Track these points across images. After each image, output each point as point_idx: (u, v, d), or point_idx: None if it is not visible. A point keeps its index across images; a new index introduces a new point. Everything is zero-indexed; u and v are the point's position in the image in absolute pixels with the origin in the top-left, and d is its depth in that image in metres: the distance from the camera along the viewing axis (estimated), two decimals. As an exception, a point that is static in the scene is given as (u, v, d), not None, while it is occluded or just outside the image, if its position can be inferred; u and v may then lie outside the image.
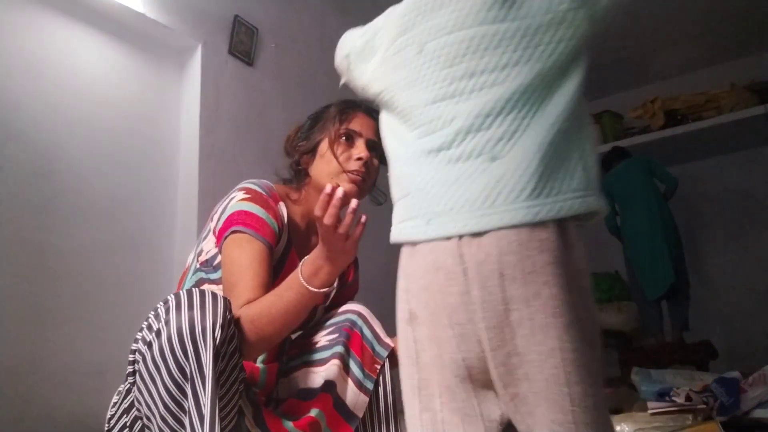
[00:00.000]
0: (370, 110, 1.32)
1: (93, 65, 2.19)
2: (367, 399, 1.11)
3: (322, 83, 3.00)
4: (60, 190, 1.98)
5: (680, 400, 1.71)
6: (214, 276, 1.14)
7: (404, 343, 0.72)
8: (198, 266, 1.19)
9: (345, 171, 1.21)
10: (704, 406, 1.69)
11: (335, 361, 1.12)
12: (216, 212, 1.19)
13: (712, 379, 1.89)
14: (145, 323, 0.92)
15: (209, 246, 1.17)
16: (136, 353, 0.91)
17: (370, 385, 1.12)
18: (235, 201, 1.15)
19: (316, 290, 1.02)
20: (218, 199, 1.22)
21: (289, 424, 1.06)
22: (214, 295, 0.92)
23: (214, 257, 1.15)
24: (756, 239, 4.58)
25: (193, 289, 0.93)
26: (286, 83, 2.85)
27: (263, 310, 1.01)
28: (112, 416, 1.02)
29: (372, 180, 1.27)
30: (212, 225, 1.18)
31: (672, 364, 3.28)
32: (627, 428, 1.57)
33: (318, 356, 1.17)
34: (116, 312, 2.04)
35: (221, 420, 0.85)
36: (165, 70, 2.46)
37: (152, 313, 0.92)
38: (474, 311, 0.64)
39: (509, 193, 0.64)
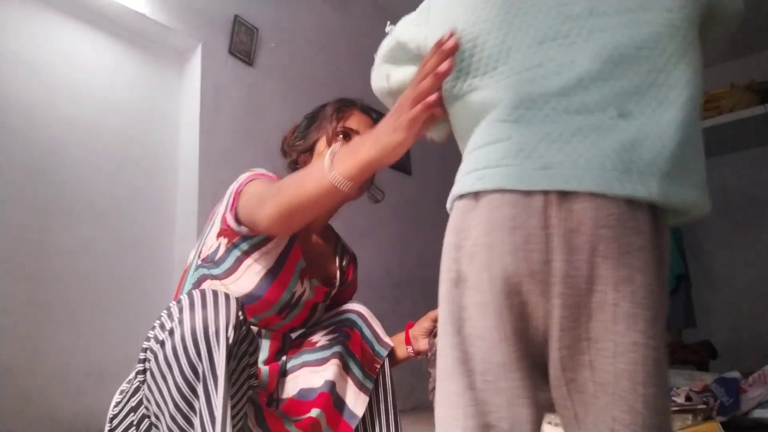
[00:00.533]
0: (367, 109, 1.32)
1: (93, 65, 2.19)
2: (367, 398, 1.12)
3: (322, 83, 3.00)
4: (60, 190, 1.98)
5: (680, 400, 1.71)
6: (216, 271, 1.13)
7: (448, 308, 0.62)
8: (200, 263, 1.17)
9: None
10: (704, 406, 1.69)
11: (335, 361, 1.12)
12: (221, 201, 1.18)
13: (712, 379, 1.89)
14: (158, 322, 0.91)
15: (211, 240, 1.15)
16: (148, 351, 0.89)
17: (370, 385, 1.12)
18: (243, 176, 1.15)
19: (331, 176, 0.86)
20: (218, 199, 1.22)
21: (291, 425, 1.06)
22: (227, 296, 0.91)
23: (215, 251, 1.13)
24: (756, 239, 4.58)
25: (206, 289, 0.91)
26: (286, 83, 2.85)
27: (286, 184, 0.96)
28: (116, 415, 1.02)
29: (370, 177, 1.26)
30: (220, 209, 1.16)
31: (672, 364, 3.29)
32: (627, 428, 1.56)
33: (318, 356, 1.17)
34: (116, 312, 2.04)
35: (232, 420, 0.85)
36: (165, 70, 2.46)
37: (165, 312, 0.91)
38: (551, 284, 0.56)
39: (648, 163, 0.56)
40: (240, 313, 0.91)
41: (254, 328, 1.16)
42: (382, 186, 1.40)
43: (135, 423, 0.98)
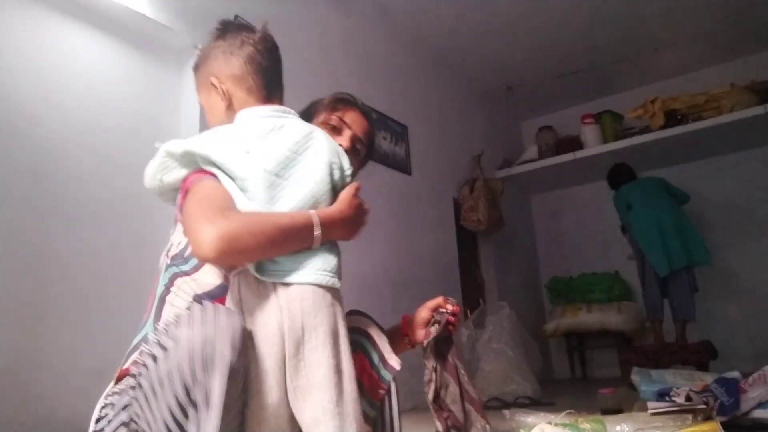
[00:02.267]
0: (367, 111, 1.31)
1: (93, 65, 2.19)
2: (369, 428, 1.07)
3: (321, 83, 3.00)
4: (60, 190, 1.98)
5: (680, 400, 1.72)
6: (185, 267, 1.07)
7: None
8: (169, 262, 1.12)
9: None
10: (704, 406, 1.69)
11: None
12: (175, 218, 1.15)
13: (712, 379, 1.89)
14: (153, 336, 0.86)
15: (178, 238, 1.11)
16: (141, 366, 0.84)
17: (372, 413, 1.08)
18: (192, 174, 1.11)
19: (318, 225, 0.96)
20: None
21: None
22: (228, 312, 0.86)
23: (184, 248, 1.09)
24: (756, 239, 4.58)
25: (207, 303, 0.86)
26: (286, 83, 2.84)
27: (253, 221, 0.93)
28: (102, 418, 0.99)
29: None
30: (176, 217, 1.12)
31: (672, 364, 3.29)
32: (627, 428, 1.57)
33: None
34: (116, 312, 2.04)
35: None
36: (165, 70, 2.46)
37: (163, 326, 0.86)
38: None
39: None
40: (241, 331, 0.85)
41: None
42: (381, 186, 1.41)
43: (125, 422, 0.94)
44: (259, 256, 0.92)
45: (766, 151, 4.66)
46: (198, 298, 1.01)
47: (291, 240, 0.94)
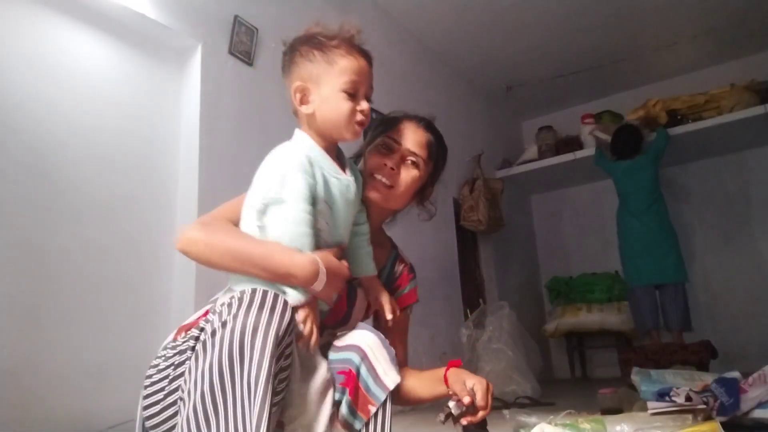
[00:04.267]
0: (421, 119, 1.32)
1: (93, 65, 2.19)
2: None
3: (322, 83, 3.00)
4: (60, 190, 1.98)
5: (680, 400, 1.72)
6: None
7: None
8: None
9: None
10: (704, 406, 1.69)
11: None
12: None
13: (712, 379, 1.89)
14: (226, 302, 0.91)
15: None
16: (208, 324, 0.90)
17: (358, 425, 1.04)
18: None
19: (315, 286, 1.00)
20: (218, 199, 1.22)
21: None
22: (284, 302, 0.92)
23: None
24: (756, 239, 4.58)
25: (275, 293, 0.93)
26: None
27: (228, 227, 1.06)
28: (153, 388, 0.99)
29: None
30: None
31: (672, 364, 3.29)
32: (627, 428, 1.57)
33: None
34: (116, 312, 2.04)
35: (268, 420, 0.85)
36: (165, 70, 2.46)
37: (236, 296, 0.92)
38: None
39: None
40: (292, 323, 0.93)
41: None
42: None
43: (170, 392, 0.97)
44: (217, 266, 1.01)
45: (766, 151, 4.66)
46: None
47: (249, 269, 1.00)
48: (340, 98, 1.09)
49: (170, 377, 0.97)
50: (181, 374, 0.94)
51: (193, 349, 0.92)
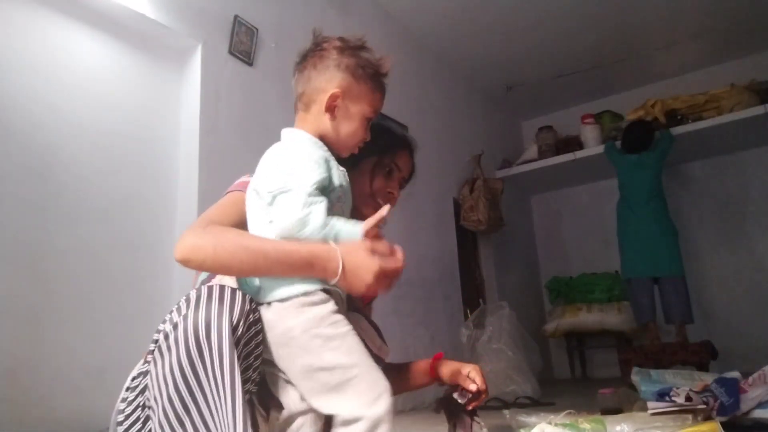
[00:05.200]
0: (413, 149, 1.42)
1: (93, 65, 2.19)
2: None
3: (322, 83, 3.00)
4: (60, 190, 1.98)
5: (680, 400, 1.71)
6: None
7: None
8: None
9: (374, 197, 1.28)
10: (704, 406, 1.69)
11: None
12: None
13: (712, 379, 1.89)
14: (175, 306, 0.92)
15: None
16: (160, 333, 0.91)
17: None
18: (244, 177, 1.18)
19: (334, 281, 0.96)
20: (218, 199, 1.22)
21: None
22: (234, 291, 0.92)
23: None
24: (756, 239, 4.58)
25: (219, 285, 0.93)
26: (286, 83, 2.82)
27: (231, 229, 1.01)
28: (126, 400, 1.01)
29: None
30: None
31: (672, 364, 3.29)
32: (627, 428, 1.57)
33: None
34: (116, 312, 2.04)
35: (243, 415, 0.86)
36: (165, 70, 2.46)
37: (183, 298, 0.93)
38: None
39: None
40: (250, 313, 0.92)
41: None
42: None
43: (141, 405, 0.98)
44: (227, 268, 0.97)
45: (766, 151, 4.66)
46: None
47: (264, 267, 0.96)
48: (362, 124, 1.12)
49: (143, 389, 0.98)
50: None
51: (152, 352, 0.91)
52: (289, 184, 0.97)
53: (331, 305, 0.96)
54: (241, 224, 1.05)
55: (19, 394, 1.72)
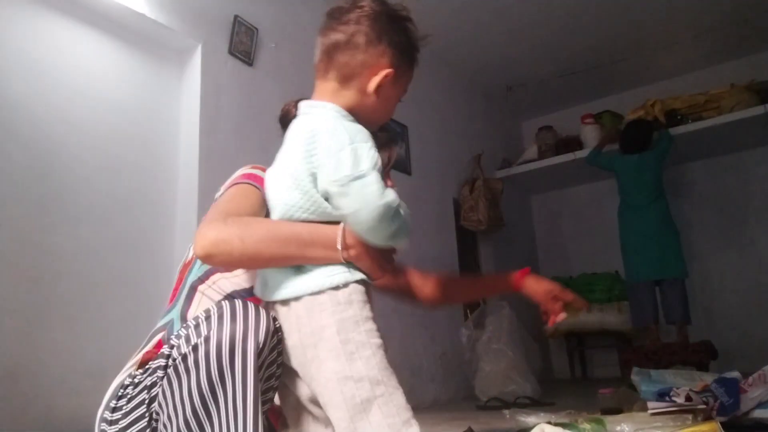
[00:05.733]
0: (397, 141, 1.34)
1: (93, 65, 2.19)
2: None
3: (322, 83, 3.00)
4: (60, 190, 1.98)
5: (680, 400, 1.71)
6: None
7: None
8: None
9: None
10: (704, 406, 1.69)
11: None
12: (219, 191, 1.17)
13: (712, 379, 1.88)
14: (192, 323, 0.87)
15: None
16: (174, 350, 0.86)
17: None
18: (242, 169, 1.14)
19: (347, 255, 0.89)
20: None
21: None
22: (257, 309, 0.87)
23: None
24: (755, 239, 4.58)
25: (237, 300, 0.87)
26: (286, 83, 2.85)
27: (274, 232, 0.90)
28: (122, 404, 0.99)
29: None
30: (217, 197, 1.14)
31: (672, 364, 3.29)
32: (627, 428, 1.57)
33: None
34: (116, 312, 2.04)
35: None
36: (165, 70, 2.46)
37: (193, 320, 0.87)
38: None
39: None
40: (275, 333, 0.87)
41: None
42: None
43: (147, 417, 0.94)
44: (256, 259, 0.90)
45: (766, 151, 4.66)
46: (234, 295, 1.03)
47: (298, 251, 0.88)
48: (393, 106, 1.04)
49: (146, 401, 0.92)
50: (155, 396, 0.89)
51: (164, 368, 0.86)
52: (361, 168, 0.86)
53: (368, 309, 0.88)
54: (256, 216, 0.98)
55: (19, 394, 1.72)
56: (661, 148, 4.01)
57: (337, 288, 0.87)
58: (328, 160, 0.87)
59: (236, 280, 1.08)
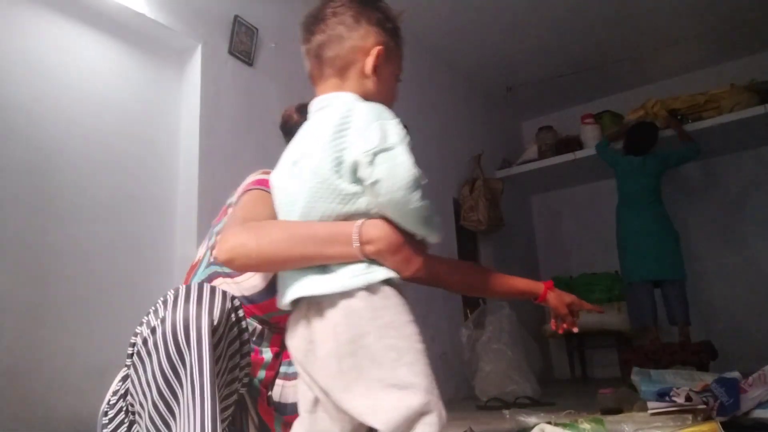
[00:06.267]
0: None
1: (93, 65, 2.19)
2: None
3: (322, 83, 3.00)
4: (60, 190, 1.98)
5: (680, 400, 1.72)
6: (228, 269, 1.12)
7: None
8: (212, 260, 1.16)
9: None
10: (704, 406, 1.69)
11: None
12: (227, 203, 1.19)
13: (712, 379, 1.89)
14: (152, 308, 0.91)
15: None
16: (138, 337, 0.90)
17: None
18: (253, 176, 1.14)
19: (367, 252, 0.84)
20: (218, 199, 1.22)
21: (279, 425, 1.09)
22: (219, 292, 0.90)
23: None
24: (756, 239, 4.58)
25: (201, 284, 0.91)
26: (286, 83, 2.85)
27: (290, 233, 0.88)
28: (110, 404, 1.02)
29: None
30: (231, 206, 1.15)
31: (672, 364, 3.29)
32: (627, 428, 1.57)
33: None
34: (116, 312, 2.04)
35: (220, 414, 0.85)
36: (165, 70, 2.46)
37: (160, 300, 0.91)
38: None
39: None
40: (232, 312, 0.90)
41: (258, 327, 1.16)
42: None
43: (124, 409, 0.98)
44: (269, 263, 0.89)
45: (766, 151, 4.66)
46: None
47: (315, 250, 0.85)
48: (394, 85, 1.00)
49: (122, 393, 0.98)
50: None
51: (131, 356, 0.90)
52: (390, 141, 0.84)
53: (407, 312, 0.83)
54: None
55: (19, 394, 1.72)
56: (675, 156, 3.95)
57: (371, 291, 0.83)
58: (357, 137, 0.85)
59: (243, 285, 1.10)
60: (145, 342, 0.87)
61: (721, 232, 4.70)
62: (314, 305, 0.84)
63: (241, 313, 0.93)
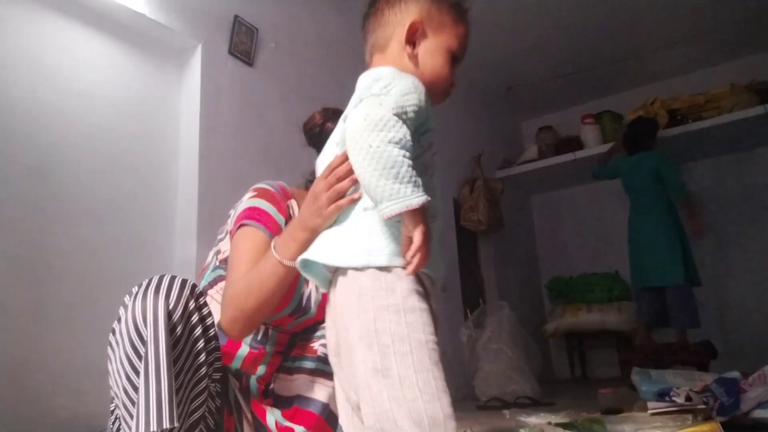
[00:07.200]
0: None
1: (93, 65, 2.19)
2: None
3: (321, 83, 3.00)
4: (60, 190, 1.98)
5: (680, 400, 1.72)
6: None
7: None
8: (217, 264, 1.26)
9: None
10: (704, 406, 1.69)
11: (329, 382, 1.15)
12: (230, 215, 1.26)
13: (712, 379, 1.89)
14: (121, 307, 0.98)
15: (226, 246, 1.23)
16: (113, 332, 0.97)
17: None
18: (245, 200, 1.22)
19: (286, 262, 1.01)
20: (218, 199, 1.24)
21: (273, 422, 1.14)
22: (177, 281, 0.96)
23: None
24: (756, 240, 4.58)
25: (160, 275, 0.98)
26: (286, 83, 2.85)
27: (245, 285, 1.06)
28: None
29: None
30: (228, 227, 1.25)
31: (672, 364, 3.28)
32: (627, 428, 1.57)
33: (314, 366, 1.22)
34: (116, 312, 2.04)
35: (179, 405, 0.89)
36: (165, 70, 2.46)
37: (127, 295, 0.98)
38: None
39: None
40: (191, 299, 0.96)
41: (262, 327, 1.22)
42: None
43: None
44: (258, 317, 1.08)
45: (766, 151, 4.66)
46: None
47: (273, 285, 1.06)
48: (445, 59, 0.95)
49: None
50: None
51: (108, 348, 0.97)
52: (383, 91, 0.81)
53: (418, 300, 0.78)
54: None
55: (19, 394, 1.72)
56: (667, 174, 3.78)
57: (382, 269, 0.78)
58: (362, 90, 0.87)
59: None
60: (113, 332, 0.94)
61: (721, 232, 4.70)
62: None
63: (202, 300, 0.99)
